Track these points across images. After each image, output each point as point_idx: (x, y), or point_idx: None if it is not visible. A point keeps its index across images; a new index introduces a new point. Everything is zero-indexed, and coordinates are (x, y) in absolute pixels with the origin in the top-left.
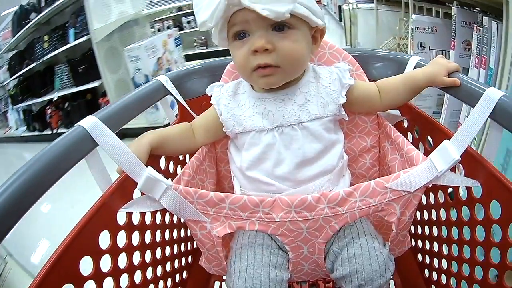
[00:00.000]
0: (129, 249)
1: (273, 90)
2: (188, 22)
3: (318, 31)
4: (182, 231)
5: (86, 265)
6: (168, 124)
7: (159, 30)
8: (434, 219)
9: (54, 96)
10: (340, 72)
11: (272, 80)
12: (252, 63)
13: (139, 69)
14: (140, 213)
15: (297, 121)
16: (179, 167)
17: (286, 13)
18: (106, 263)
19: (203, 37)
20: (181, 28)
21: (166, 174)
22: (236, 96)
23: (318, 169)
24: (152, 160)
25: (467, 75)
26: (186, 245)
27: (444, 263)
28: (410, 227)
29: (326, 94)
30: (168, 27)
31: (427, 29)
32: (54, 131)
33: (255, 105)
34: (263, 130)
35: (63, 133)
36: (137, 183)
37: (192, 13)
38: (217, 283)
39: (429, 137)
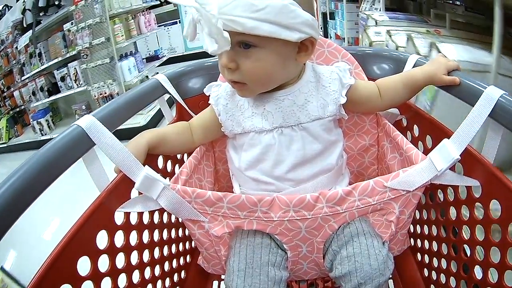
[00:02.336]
0: (127, 249)
1: (272, 90)
2: (63, 79)
3: (307, 40)
4: (180, 230)
5: (84, 265)
6: None
7: (33, 94)
8: (434, 218)
9: None
10: (340, 71)
11: (243, 93)
12: (226, 76)
13: None
14: (137, 212)
15: (297, 122)
16: (177, 166)
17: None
18: (104, 263)
19: (84, 107)
20: (57, 89)
21: (164, 173)
22: (234, 96)
23: (317, 169)
24: (149, 159)
25: None
26: (184, 245)
27: (444, 263)
28: (409, 226)
29: (326, 95)
30: (41, 88)
31: None
32: None
33: (254, 106)
34: (263, 131)
35: None
36: (135, 183)
37: (65, 64)
38: (215, 283)
39: (428, 136)
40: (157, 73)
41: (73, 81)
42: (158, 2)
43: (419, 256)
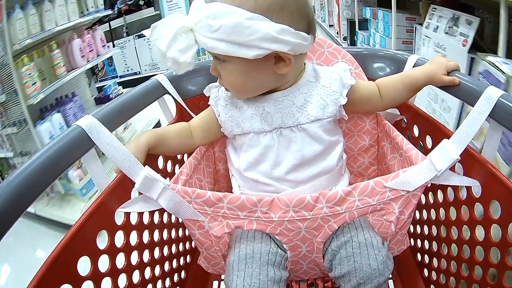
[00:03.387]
0: (127, 249)
1: (272, 91)
2: None
3: (280, 52)
4: (180, 230)
5: (84, 265)
6: None
7: None
8: (433, 218)
9: None
10: (341, 72)
11: (233, 95)
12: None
13: None
14: (138, 212)
15: (296, 123)
16: (177, 166)
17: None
18: (104, 263)
19: None
20: None
21: (164, 173)
22: (234, 97)
23: (317, 170)
24: (149, 159)
25: None
26: (184, 245)
27: (443, 263)
28: (409, 226)
29: (326, 95)
30: None
31: None
32: None
33: (254, 107)
34: (262, 132)
35: None
36: (135, 183)
37: None
38: (215, 283)
39: (428, 136)
40: None
41: (1, 141)
42: (108, 13)
43: (419, 256)
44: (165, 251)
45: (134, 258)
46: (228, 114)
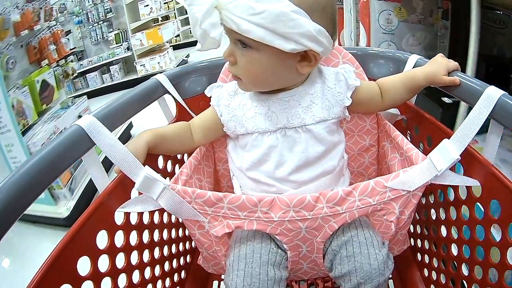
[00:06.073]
0: (127, 249)
1: (278, 91)
2: None
3: (310, 51)
4: (180, 230)
5: (84, 265)
6: None
7: None
8: (434, 218)
9: None
10: (345, 73)
11: (239, 86)
12: (227, 67)
13: None
14: (138, 212)
15: (301, 124)
16: (177, 166)
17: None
18: (104, 263)
19: None
20: None
21: (164, 173)
22: (236, 96)
23: (319, 170)
24: (149, 159)
25: None
26: (184, 245)
27: (444, 263)
28: (409, 226)
29: (331, 96)
30: None
31: None
32: None
33: (258, 106)
34: (266, 132)
35: None
36: (135, 183)
37: None
38: (215, 283)
39: (428, 136)
40: None
41: None
42: None
43: (419, 256)
44: (165, 251)
45: (134, 258)
46: (231, 114)
